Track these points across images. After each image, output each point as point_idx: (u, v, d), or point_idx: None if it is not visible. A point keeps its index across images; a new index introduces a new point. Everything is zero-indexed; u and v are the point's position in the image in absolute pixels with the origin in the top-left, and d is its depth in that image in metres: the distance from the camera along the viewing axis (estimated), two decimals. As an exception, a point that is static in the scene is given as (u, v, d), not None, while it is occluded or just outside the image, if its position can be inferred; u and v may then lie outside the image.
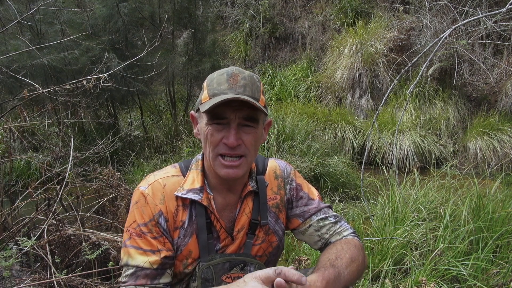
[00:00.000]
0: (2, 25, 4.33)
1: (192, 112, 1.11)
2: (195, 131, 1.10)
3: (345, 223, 1.20)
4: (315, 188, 1.27)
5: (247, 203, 1.13)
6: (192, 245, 1.08)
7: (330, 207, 1.23)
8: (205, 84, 1.03)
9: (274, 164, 1.22)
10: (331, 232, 1.17)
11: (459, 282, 2.17)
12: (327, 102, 6.72)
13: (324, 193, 4.05)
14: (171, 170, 1.13)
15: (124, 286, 1.01)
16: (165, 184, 1.08)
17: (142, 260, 1.01)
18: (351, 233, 1.18)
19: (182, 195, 1.07)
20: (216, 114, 0.98)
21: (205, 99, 0.99)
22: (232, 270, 1.08)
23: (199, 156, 1.14)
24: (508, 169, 4.86)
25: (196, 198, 1.06)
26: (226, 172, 1.01)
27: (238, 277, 1.07)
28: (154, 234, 1.04)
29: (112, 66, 4.18)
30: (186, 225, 1.08)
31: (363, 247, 1.14)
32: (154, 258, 1.02)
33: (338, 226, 1.18)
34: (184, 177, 1.11)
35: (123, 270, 1.04)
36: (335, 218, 1.19)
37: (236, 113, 0.97)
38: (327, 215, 1.19)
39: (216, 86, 0.98)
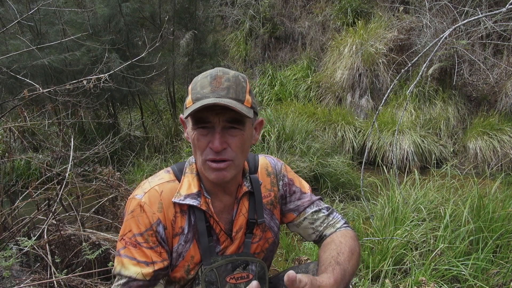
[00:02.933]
0: (2, 25, 4.33)
1: (181, 115, 1.08)
2: (185, 134, 1.08)
3: (337, 214, 1.24)
4: (315, 188, 1.29)
5: (243, 203, 1.13)
6: (193, 250, 1.08)
7: (321, 199, 1.26)
8: (189, 87, 1.01)
9: (265, 161, 1.22)
10: (324, 225, 1.20)
11: (459, 282, 2.17)
12: (327, 102, 6.72)
13: (324, 193, 4.05)
14: (165, 176, 1.11)
15: None
16: (161, 191, 1.06)
17: (135, 271, 1.00)
18: (344, 224, 1.21)
19: (180, 202, 1.05)
20: (200, 118, 0.97)
21: (189, 104, 0.97)
22: (235, 270, 1.08)
23: (192, 159, 1.13)
24: (508, 169, 4.85)
25: (194, 204, 1.05)
26: (215, 175, 1.00)
27: (242, 277, 1.09)
28: (150, 244, 1.03)
29: (113, 66, 4.18)
30: (186, 231, 1.07)
31: (357, 237, 1.18)
32: (148, 270, 1.01)
33: (331, 218, 1.21)
34: (179, 181, 1.09)
35: (116, 278, 1.04)
36: (327, 210, 1.22)
37: (219, 117, 0.96)
38: (320, 208, 1.21)
39: (199, 89, 0.97)
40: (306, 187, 1.24)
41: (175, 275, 1.09)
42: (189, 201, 1.05)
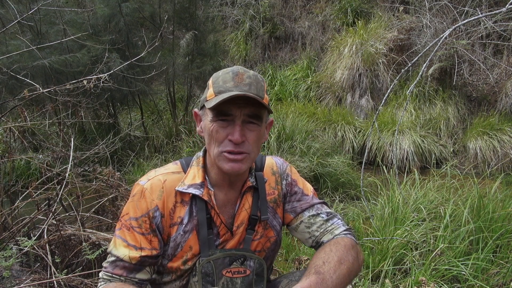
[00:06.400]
0: (2, 25, 4.33)
1: (195, 110, 1.13)
2: (198, 128, 1.11)
3: (339, 220, 1.19)
4: (315, 188, 1.28)
5: (246, 198, 1.14)
6: (192, 241, 1.09)
7: (325, 203, 1.23)
8: (210, 82, 1.05)
9: (271, 161, 1.24)
10: (321, 230, 1.16)
11: (459, 282, 2.17)
12: (327, 102, 6.72)
13: (324, 193, 4.05)
14: (172, 167, 1.15)
15: (103, 270, 1.07)
16: (165, 180, 1.10)
17: (123, 252, 1.05)
18: (343, 231, 1.16)
19: (183, 190, 1.08)
20: (222, 111, 1.00)
21: (211, 96, 1.01)
22: (232, 264, 1.10)
23: (200, 153, 1.16)
24: (508, 169, 4.86)
25: (197, 193, 1.08)
26: (230, 166, 1.02)
27: (238, 272, 1.10)
28: (143, 230, 1.06)
29: (113, 66, 4.18)
30: (186, 221, 1.09)
31: (354, 245, 1.12)
32: (135, 254, 1.04)
33: (329, 224, 1.17)
34: (185, 173, 1.13)
35: (108, 256, 1.08)
36: (327, 215, 1.18)
37: (241, 110, 1.00)
38: (319, 212, 1.18)
39: (222, 83, 1.00)
40: (309, 189, 1.23)
41: (172, 265, 1.10)
42: (192, 190, 1.08)
